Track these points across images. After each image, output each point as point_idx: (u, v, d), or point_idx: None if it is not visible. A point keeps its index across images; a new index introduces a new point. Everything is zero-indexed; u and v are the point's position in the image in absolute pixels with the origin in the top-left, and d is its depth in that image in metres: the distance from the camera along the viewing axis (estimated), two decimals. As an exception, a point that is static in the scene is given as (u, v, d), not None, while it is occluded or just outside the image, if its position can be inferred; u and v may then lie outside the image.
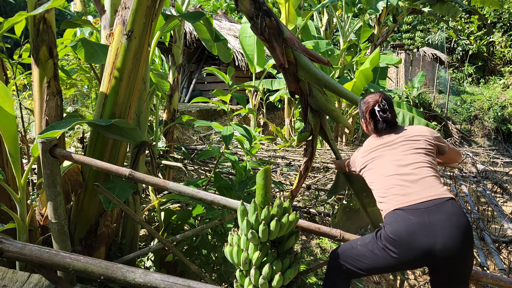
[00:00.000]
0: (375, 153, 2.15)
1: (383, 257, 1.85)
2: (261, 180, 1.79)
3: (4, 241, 1.70)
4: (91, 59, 2.68)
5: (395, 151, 2.11)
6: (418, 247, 1.75)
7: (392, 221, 1.85)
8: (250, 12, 2.17)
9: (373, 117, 2.20)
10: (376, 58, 6.68)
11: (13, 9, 11.94)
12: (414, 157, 2.03)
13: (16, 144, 2.21)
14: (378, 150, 2.15)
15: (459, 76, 19.67)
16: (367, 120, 2.23)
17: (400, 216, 1.84)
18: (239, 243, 1.87)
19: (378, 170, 2.09)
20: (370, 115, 2.21)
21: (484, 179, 6.81)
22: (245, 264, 1.82)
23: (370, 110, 2.20)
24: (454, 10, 8.22)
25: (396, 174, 2.00)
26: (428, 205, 1.81)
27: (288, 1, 7.32)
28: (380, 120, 2.19)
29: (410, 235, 1.76)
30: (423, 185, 1.90)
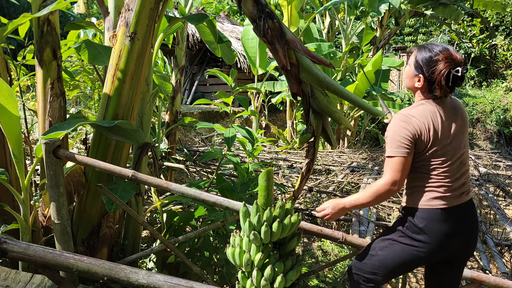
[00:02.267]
0: (444, 128, 1.79)
1: (409, 253, 1.83)
2: (264, 182, 1.79)
3: (8, 242, 1.71)
4: (94, 60, 2.69)
5: (459, 129, 1.85)
6: (448, 246, 1.81)
7: (434, 219, 1.78)
8: (253, 14, 2.18)
9: (448, 81, 1.75)
10: (378, 61, 6.69)
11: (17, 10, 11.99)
12: (466, 142, 1.88)
13: (20, 145, 2.22)
14: (445, 124, 1.80)
15: (461, 79, 19.61)
16: (437, 80, 1.76)
17: (442, 217, 1.78)
18: (241, 244, 1.88)
19: (446, 149, 1.80)
20: (446, 78, 1.74)
21: (486, 182, 6.79)
22: (247, 266, 1.83)
23: (448, 72, 1.74)
24: (457, 13, 8.22)
25: (457, 159, 1.82)
26: (466, 207, 1.86)
27: (290, 3, 7.34)
28: (451, 87, 1.78)
29: (447, 237, 1.80)
30: (465, 180, 1.87)
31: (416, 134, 1.75)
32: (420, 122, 1.76)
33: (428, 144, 1.77)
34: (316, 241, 4.41)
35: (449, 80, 1.74)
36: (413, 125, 1.75)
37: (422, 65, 1.80)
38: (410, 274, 4.22)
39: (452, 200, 1.81)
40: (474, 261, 4.31)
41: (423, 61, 1.80)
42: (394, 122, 1.81)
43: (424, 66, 1.79)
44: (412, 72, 1.86)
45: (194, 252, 2.80)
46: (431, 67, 1.77)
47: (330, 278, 3.70)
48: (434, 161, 1.79)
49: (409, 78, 1.90)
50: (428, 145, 1.77)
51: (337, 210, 1.91)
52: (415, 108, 1.83)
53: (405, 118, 1.78)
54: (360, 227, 3.94)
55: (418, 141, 1.76)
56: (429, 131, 1.76)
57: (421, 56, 1.82)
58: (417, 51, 1.85)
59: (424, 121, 1.76)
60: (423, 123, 1.76)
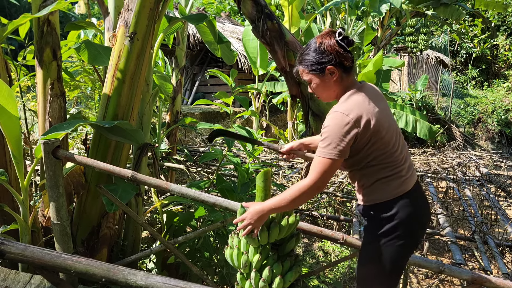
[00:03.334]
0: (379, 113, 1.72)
1: (398, 249, 1.78)
2: (261, 183, 1.79)
3: (6, 243, 1.70)
4: (94, 61, 2.69)
5: (388, 112, 1.80)
6: (422, 228, 1.85)
7: (404, 206, 1.75)
8: (252, 15, 2.18)
9: (344, 47, 1.70)
10: (379, 61, 6.67)
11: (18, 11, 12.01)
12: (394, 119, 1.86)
13: (20, 146, 2.22)
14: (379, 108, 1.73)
15: (463, 79, 19.62)
16: (337, 54, 1.69)
17: (410, 201, 1.76)
18: (239, 245, 1.87)
19: (389, 136, 1.75)
20: (340, 45, 1.69)
21: (487, 182, 6.77)
22: (245, 267, 1.82)
23: (336, 41, 1.69)
24: (458, 13, 8.20)
25: (400, 139, 1.81)
26: (418, 184, 1.89)
27: (291, 3, 7.33)
28: (350, 55, 1.73)
29: (420, 218, 1.81)
30: (409, 157, 1.89)
31: (358, 131, 1.65)
32: (359, 116, 1.66)
33: (376, 133, 1.69)
34: (317, 242, 4.41)
35: (344, 45, 1.69)
36: (354, 122, 1.64)
37: (317, 59, 1.71)
38: (411, 274, 4.21)
39: (410, 181, 1.80)
40: (475, 261, 4.30)
41: (314, 56, 1.72)
42: (334, 121, 1.66)
43: (320, 58, 1.70)
44: (321, 78, 1.75)
45: (194, 252, 2.80)
46: (323, 52, 1.70)
47: (331, 279, 3.70)
48: (385, 148, 1.73)
49: (323, 86, 1.78)
50: (376, 134, 1.69)
51: (256, 218, 1.71)
52: (347, 102, 1.71)
53: (344, 117, 1.65)
54: (360, 227, 3.93)
55: (361, 135, 1.67)
56: (371, 119, 1.67)
57: (309, 58, 1.74)
58: (303, 64, 1.76)
59: (363, 112, 1.67)
60: (363, 115, 1.66)
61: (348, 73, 1.76)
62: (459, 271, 2.13)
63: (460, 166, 7.61)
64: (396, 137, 1.77)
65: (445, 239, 4.13)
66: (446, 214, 5.06)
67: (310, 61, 1.72)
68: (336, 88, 1.77)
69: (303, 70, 1.77)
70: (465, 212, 5.12)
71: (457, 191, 6.01)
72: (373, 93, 1.79)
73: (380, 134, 1.70)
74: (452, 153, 9.25)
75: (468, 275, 2.09)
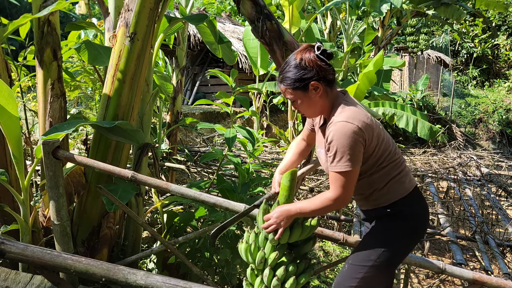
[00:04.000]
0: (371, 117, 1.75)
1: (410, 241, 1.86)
2: (287, 182, 1.78)
3: (6, 242, 1.71)
4: (94, 61, 2.69)
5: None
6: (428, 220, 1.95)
7: (419, 198, 1.87)
8: (251, 16, 2.18)
9: (325, 60, 1.67)
10: (379, 61, 6.66)
11: (19, 11, 12.02)
12: None
13: (20, 146, 2.23)
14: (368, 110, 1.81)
15: (464, 79, 19.60)
16: (318, 68, 1.65)
17: (420, 193, 1.89)
18: (256, 241, 1.86)
19: (386, 136, 1.79)
20: (320, 59, 1.66)
21: (488, 182, 6.77)
22: (260, 264, 1.81)
23: (316, 56, 1.65)
24: (459, 13, 8.19)
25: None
26: None
27: (291, 3, 7.32)
28: (331, 68, 1.70)
29: (427, 211, 1.93)
30: None
31: (365, 136, 1.63)
32: (362, 121, 1.63)
33: (378, 135, 1.70)
34: (318, 242, 4.41)
35: (325, 59, 1.66)
36: (359, 128, 1.61)
37: (299, 76, 1.66)
38: (412, 274, 4.21)
39: (412, 176, 1.90)
40: (476, 261, 4.30)
41: (296, 73, 1.66)
42: (340, 132, 1.61)
43: (302, 74, 1.65)
44: (305, 94, 1.69)
45: (194, 252, 2.80)
46: (304, 68, 1.65)
47: (331, 279, 3.70)
48: (390, 147, 1.77)
49: (308, 103, 1.72)
50: (379, 136, 1.70)
51: (283, 218, 1.71)
52: (345, 111, 1.67)
53: (348, 125, 1.60)
54: (361, 227, 3.93)
55: (369, 140, 1.65)
56: (372, 123, 1.67)
57: (291, 76, 1.67)
58: (284, 82, 1.70)
59: (363, 117, 1.65)
60: (364, 120, 1.64)
61: (332, 86, 1.72)
62: (460, 271, 2.13)
63: (461, 166, 7.61)
64: (388, 135, 1.82)
65: (445, 239, 4.13)
66: (447, 214, 5.05)
67: (292, 78, 1.67)
68: (321, 103, 1.72)
69: (286, 89, 1.71)
70: (466, 212, 5.12)
71: (458, 191, 6.00)
72: (356, 100, 1.85)
73: (381, 135, 1.73)
74: (453, 153, 9.24)
75: (469, 275, 2.09)
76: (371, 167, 1.75)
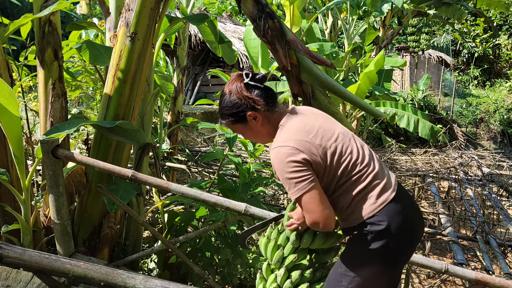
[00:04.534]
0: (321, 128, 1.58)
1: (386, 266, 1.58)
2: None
3: (4, 247, 1.70)
4: (95, 61, 2.69)
5: (332, 123, 1.66)
6: (413, 236, 1.65)
7: (393, 214, 1.56)
8: (253, 14, 2.17)
9: (252, 88, 1.59)
10: (380, 61, 6.66)
11: (20, 11, 12.04)
12: (345, 128, 1.72)
13: (21, 146, 2.23)
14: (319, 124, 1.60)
15: (465, 79, 19.57)
16: (248, 99, 1.57)
17: (397, 207, 1.58)
18: (277, 239, 1.83)
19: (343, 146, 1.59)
20: (247, 89, 1.58)
21: (489, 182, 6.76)
22: (277, 262, 1.80)
23: (244, 85, 1.59)
24: (460, 13, 8.18)
25: (363, 149, 1.65)
26: (402, 190, 1.73)
27: (292, 3, 7.32)
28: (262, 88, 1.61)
29: (409, 226, 1.62)
30: (381, 163, 1.71)
31: (305, 155, 1.49)
32: (298, 140, 1.52)
33: (327, 148, 1.53)
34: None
35: (257, 84, 1.60)
36: (296, 148, 1.49)
37: (234, 111, 1.60)
38: (413, 274, 4.20)
39: (389, 186, 1.60)
40: (477, 261, 4.29)
41: (230, 108, 1.60)
42: (277, 159, 1.52)
43: (235, 108, 1.59)
44: (246, 126, 1.64)
45: (195, 252, 2.80)
46: (235, 102, 1.59)
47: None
48: (347, 159, 1.55)
49: (252, 133, 1.67)
50: (328, 149, 1.53)
51: (303, 219, 1.63)
52: (281, 134, 1.58)
53: (283, 149, 1.50)
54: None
55: (312, 156, 1.50)
56: (315, 138, 1.54)
57: (226, 112, 1.62)
58: (223, 117, 1.65)
59: (301, 135, 1.53)
60: (302, 137, 1.52)
61: (272, 109, 1.62)
62: (463, 271, 2.12)
63: (462, 166, 7.60)
64: (350, 144, 1.60)
65: (447, 239, 4.13)
66: (448, 214, 5.05)
67: (228, 114, 1.62)
68: (266, 130, 1.64)
69: (227, 124, 1.66)
70: (467, 212, 5.11)
71: (459, 191, 5.99)
72: (306, 112, 1.69)
73: (333, 148, 1.55)
74: (454, 153, 9.23)
75: (471, 276, 2.08)
76: (328, 186, 1.57)
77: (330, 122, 1.65)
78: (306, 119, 1.61)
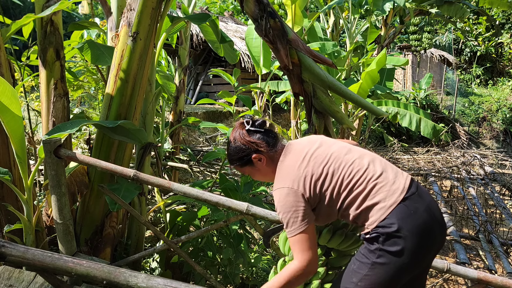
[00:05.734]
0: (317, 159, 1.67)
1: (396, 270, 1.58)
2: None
3: (7, 245, 1.71)
4: (97, 61, 2.70)
5: (332, 146, 1.74)
6: (429, 240, 1.65)
7: (403, 216, 1.57)
8: (254, 14, 2.17)
9: (254, 134, 1.75)
10: (382, 60, 6.65)
11: (22, 11, 12.07)
12: (346, 144, 1.81)
13: (23, 145, 2.23)
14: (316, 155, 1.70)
15: (467, 78, 19.52)
16: (252, 143, 1.73)
17: (409, 209, 1.60)
18: None
19: (344, 169, 1.66)
20: (250, 134, 1.75)
21: (492, 181, 6.74)
22: (292, 256, 1.81)
23: (246, 131, 1.75)
24: (462, 11, 8.15)
25: (366, 160, 1.70)
26: (417, 189, 1.72)
27: (294, 2, 7.31)
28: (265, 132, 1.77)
29: (424, 230, 1.62)
30: (392, 168, 1.76)
31: (303, 192, 1.61)
32: (294, 179, 1.63)
33: (325, 180, 1.63)
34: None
35: (253, 131, 1.74)
36: (292, 187, 1.61)
37: (240, 155, 1.76)
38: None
39: (398, 189, 1.61)
40: (479, 260, 4.28)
41: (236, 154, 1.76)
42: (277, 200, 1.64)
43: (241, 153, 1.75)
44: (253, 167, 1.78)
45: (197, 252, 2.80)
46: (240, 148, 1.74)
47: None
48: (350, 179, 1.62)
49: (259, 173, 1.80)
50: (325, 180, 1.63)
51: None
52: (279, 176, 1.69)
53: (282, 191, 1.63)
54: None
55: (311, 192, 1.62)
56: (312, 172, 1.63)
57: (233, 158, 1.77)
58: (232, 162, 1.80)
59: (297, 174, 1.64)
60: (299, 176, 1.63)
61: (274, 149, 1.76)
62: (465, 271, 2.11)
63: (464, 165, 7.58)
64: (345, 159, 1.67)
65: (449, 238, 4.12)
66: (450, 213, 5.04)
67: (235, 159, 1.78)
68: (271, 168, 1.76)
69: (236, 167, 1.82)
70: (469, 211, 5.10)
71: (461, 190, 5.98)
72: (303, 142, 1.78)
73: (325, 171, 1.64)
74: (457, 152, 9.21)
75: (474, 275, 2.08)
76: (332, 209, 1.66)
77: (325, 146, 1.73)
78: (300, 152, 1.71)
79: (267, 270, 3.19)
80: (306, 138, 1.85)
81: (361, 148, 1.79)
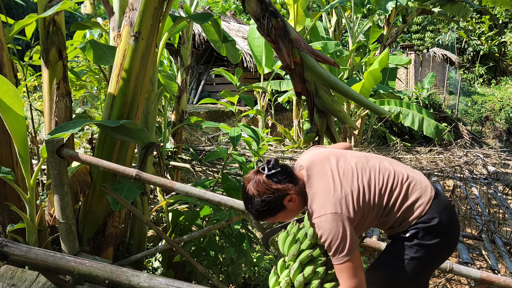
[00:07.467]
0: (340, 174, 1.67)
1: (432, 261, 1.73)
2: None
3: (10, 245, 1.71)
4: (99, 60, 2.70)
5: (347, 157, 1.75)
6: (456, 233, 1.79)
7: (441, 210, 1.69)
8: (256, 13, 2.17)
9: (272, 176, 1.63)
10: (385, 59, 6.64)
11: (25, 11, 12.09)
12: (364, 155, 1.84)
13: (26, 145, 2.24)
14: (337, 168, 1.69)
15: (470, 77, 19.46)
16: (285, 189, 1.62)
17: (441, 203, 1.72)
18: (296, 233, 1.85)
19: (370, 177, 1.70)
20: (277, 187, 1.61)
21: (495, 181, 6.71)
22: (292, 256, 1.81)
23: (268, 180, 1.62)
24: (465, 10, 8.13)
25: (381, 167, 1.75)
26: (438, 192, 1.86)
27: (296, 2, 7.30)
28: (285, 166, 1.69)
29: (454, 224, 1.76)
30: (411, 171, 1.85)
31: (348, 214, 1.58)
32: (334, 202, 1.59)
33: (359, 194, 1.63)
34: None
35: (273, 175, 1.62)
36: (336, 211, 1.57)
37: (271, 207, 1.63)
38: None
39: (427, 186, 1.71)
40: (482, 260, 4.27)
41: (264, 207, 1.62)
42: (323, 227, 1.59)
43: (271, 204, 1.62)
44: (286, 211, 1.68)
45: (199, 251, 2.80)
46: (268, 199, 1.60)
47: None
48: (382, 187, 1.66)
49: (293, 213, 1.72)
50: (359, 195, 1.63)
51: None
52: (316, 201, 1.64)
53: (325, 217, 1.58)
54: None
55: (354, 212, 1.60)
56: (345, 191, 1.61)
57: (264, 213, 1.65)
58: (262, 218, 1.68)
59: (333, 195, 1.60)
60: (337, 198, 1.60)
61: (298, 182, 1.67)
62: (468, 271, 2.11)
63: (467, 165, 7.55)
64: (369, 167, 1.70)
65: (452, 238, 4.09)
66: (453, 213, 5.01)
67: (266, 212, 1.64)
68: (300, 204, 1.69)
69: (269, 219, 1.70)
70: (472, 210, 5.08)
71: (464, 189, 5.96)
72: (315, 161, 1.73)
73: (369, 188, 1.65)
74: (459, 152, 9.18)
75: (476, 275, 2.07)
76: (375, 218, 1.69)
77: (341, 159, 1.72)
78: (323, 173, 1.67)
79: (269, 269, 3.19)
80: (311, 154, 1.80)
81: (363, 152, 1.84)
